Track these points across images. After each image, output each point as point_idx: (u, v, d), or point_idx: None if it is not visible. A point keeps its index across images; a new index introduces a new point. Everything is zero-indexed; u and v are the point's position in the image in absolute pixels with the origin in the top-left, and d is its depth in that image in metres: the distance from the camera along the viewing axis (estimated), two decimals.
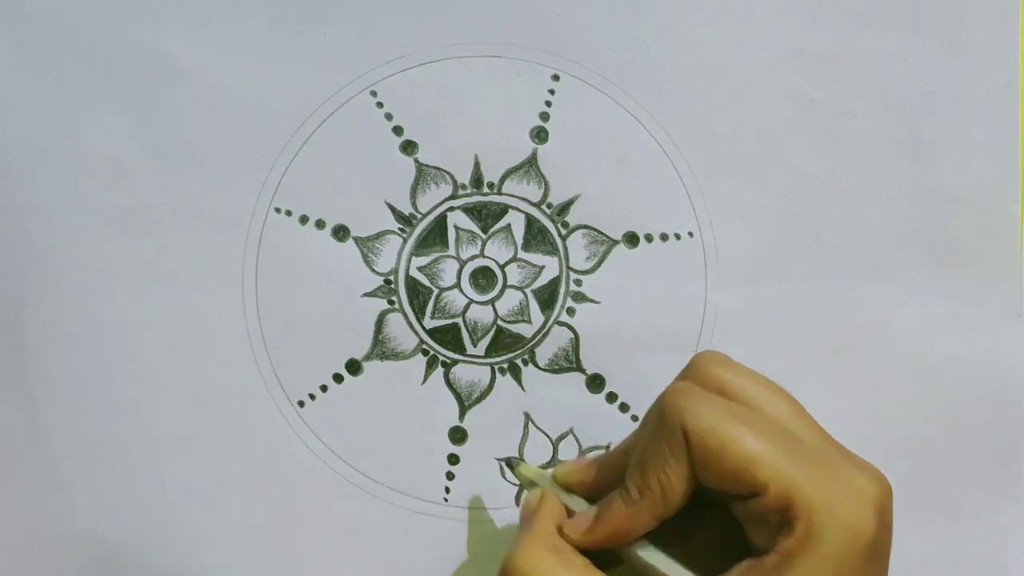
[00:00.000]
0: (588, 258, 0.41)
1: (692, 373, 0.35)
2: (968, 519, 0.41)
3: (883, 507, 0.32)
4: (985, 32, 0.41)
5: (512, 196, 0.41)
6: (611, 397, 0.41)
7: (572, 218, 0.41)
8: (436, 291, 0.41)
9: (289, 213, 0.40)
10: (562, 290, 0.41)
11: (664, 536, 0.34)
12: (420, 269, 0.41)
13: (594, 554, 0.34)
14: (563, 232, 0.41)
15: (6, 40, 0.40)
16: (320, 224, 0.40)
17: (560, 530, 0.35)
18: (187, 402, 0.40)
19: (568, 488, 0.36)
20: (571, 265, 0.41)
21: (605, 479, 0.35)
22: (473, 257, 0.41)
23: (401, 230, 0.41)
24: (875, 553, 0.31)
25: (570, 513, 0.35)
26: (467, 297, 0.41)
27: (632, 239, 0.41)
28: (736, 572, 0.32)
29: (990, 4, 0.41)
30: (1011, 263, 0.42)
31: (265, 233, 0.40)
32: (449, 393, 0.40)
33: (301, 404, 0.40)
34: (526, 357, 0.41)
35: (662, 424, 0.33)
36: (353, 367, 0.40)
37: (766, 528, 0.32)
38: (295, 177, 0.40)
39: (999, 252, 0.42)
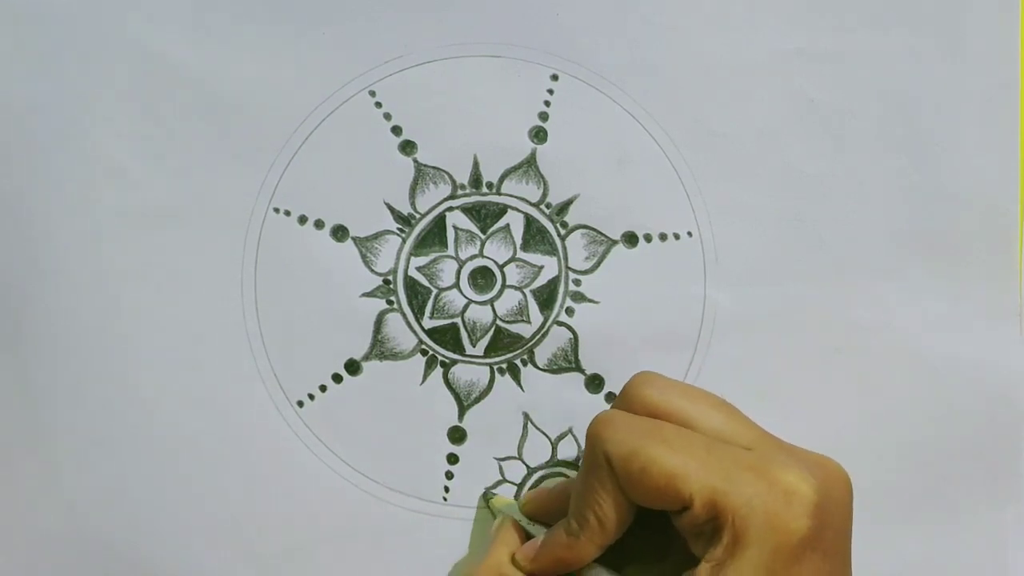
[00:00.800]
0: (587, 258, 0.41)
1: (623, 398, 0.36)
2: (968, 519, 0.41)
3: (819, 503, 0.31)
4: (985, 32, 0.41)
5: (511, 196, 0.41)
6: (610, 397, 0.41)
7: (571, 218, 0.41)
8: (435, 291, 0.41)
9: (288, 213, 0.40)
10: (561, 290, 0.41)
11: (621, 551, 0.35)
12: (419, 269, 0.41)
13: None
14: (562, 232, 0.41)
15: (6, 40, 0.40)
16: (319, 224, 0.40)
17: (513, 558, 0.36)
18: (186, 402, 0.40)
19: (532, 517, 0.38)
20: (570, 265, 0.41)
21: (565, 506, 0.36)
22: (472, 257, 0.41)
23: (400, 230, 0.40)
24: (814, 549, 0.31)
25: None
26: (466, 297, 0.41)
27: (631, 239, 0.41)
28: None
29: (990, 4, 0.41)
30: (1010, 263, 0.42)
31: (264, 233, 0.40)
32: (448, 393, 0.40)
33: (300, 404, 0.40)
34: (525, 357, 0.41)
35: (588, 454, 0.34)
36: (352, 367, 0.40)
37: (703, 539, 0.32)
38: (294, 177, 0.40)
39: (998, 252, 0.42)
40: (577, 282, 0.41)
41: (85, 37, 0.40)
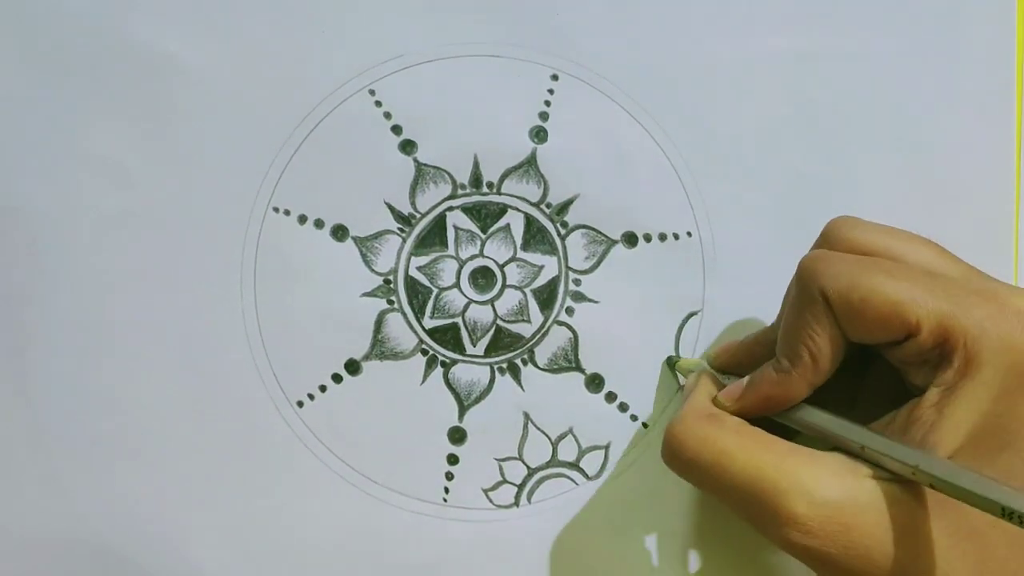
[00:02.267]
0: (587, 258, 0.41)
1: (825, 239, 0.35)
2: None
3: None
4: (982, 33, 0.41)
5: (511, 196, 0.41)
6: (610, 396, 0.41)
7: (571, 218, 0.41)
8: (435, 291, 0.40)
9: (287, 212, 0.40)
10: (561, 290, 0.41)
11: (831, 396, 0.34)
12: (419, 269, 0.40)
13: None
14: (562, 232, 0.41)
15: (6, 40, 0.40)
16: (319, 224, 0.40)
17: (714, 400, 0.36)
18: (185, 402, 0.40)
19: (724, 371, 0.37)
20: (570, 265, 0.41)
21: (760, 356, 0.36)
22: (472, 257, 0.41)
23: (400, 230, 0.40)
24: None
25: None
26: (466, 297, 0.41)
27: (631, 239, 0.41)
28: (900, 416, 0.32)
29: (987, 5, 0.41)
30: (1006, 264, 0.42)
31: (263, 233, 0.40)
32: (448, 393, 0.40)
33: (300, 404, 0.40)
34: (525, 357, 0.41)
35: (801, 293, 0.33)
36: (352, 367, 0.40)
37: (926, 368, 0.32)
38: (293, 176, 0.40)
39: (994, 253, 0.42)
40: (577, 282, 0.41)
41: (84, 36, 0.40)
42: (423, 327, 0.40)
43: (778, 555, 0.40)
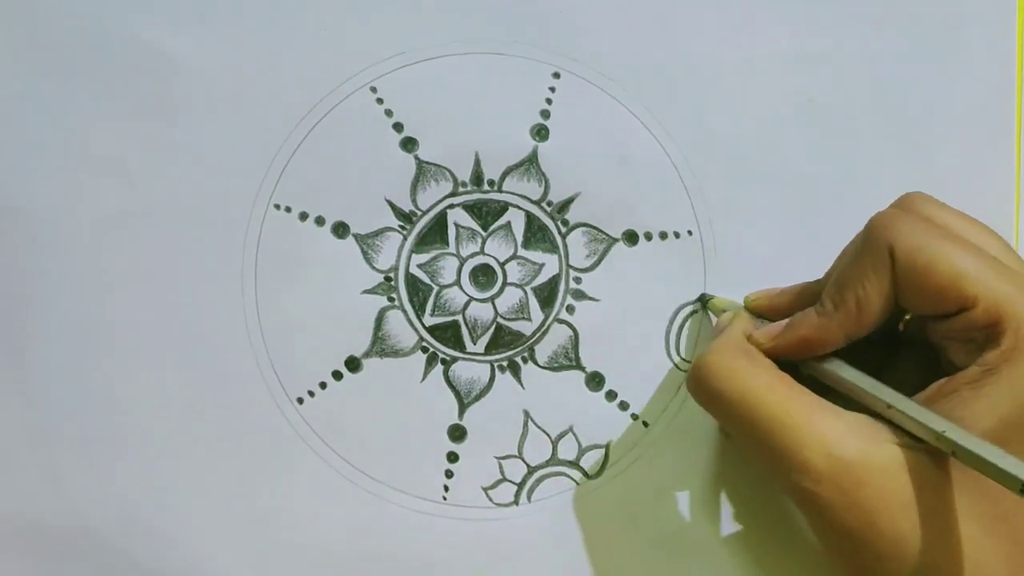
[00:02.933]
0: (588, 256, 0.41)
1: (901, 206, 0.35)
2: None
3: None
4: (982, 33, 0.41)
5: (512, 194, 0.41)
6: (610, 395, 0.41)
7: (572, 216, 0.41)
8: (436, 288, 0.40)
9: (288, 210, 0.40)
10: (562, 288, 0.41)
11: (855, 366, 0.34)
12: (420, 266, 0.40)
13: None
14: (563, 230, 0.41)
15: (6, 39, 0.40)
16: (320, 221, 0.40)
17: (749, 337, 0.35)
18: (186, 399, 0.40)
19: (759, 315, 0.37)
20: (571, 263, 0.41)
21: (797, 306, 0.36)
22: (473, 254, 0.41)
23: (401, 227, 0.40)
24: None
25: None
26: (467, 294, 0.41)
27: (631, 237, 0.41)
28: (934, 386, 0.32)
29: (987, 5, 0.41)
30: None
31: (264, 230, 0.40)
32: (448, 390, 0.40)
33: (300, 401, 0.40)
34: (526, 355, 0.41)
35: (868, 243, 0.33)
36: (352, 364, 0.40)
37: (970, 346, 0.32)
38: (294, 174, 0.40)
39: None
40: (578, 280, 0.41)
41: (83, 34, 0.40)
42: (423, 324, 0.40)
43: (779, 555, 0.40)
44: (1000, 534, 0.31)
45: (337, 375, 0.40)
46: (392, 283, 0.40)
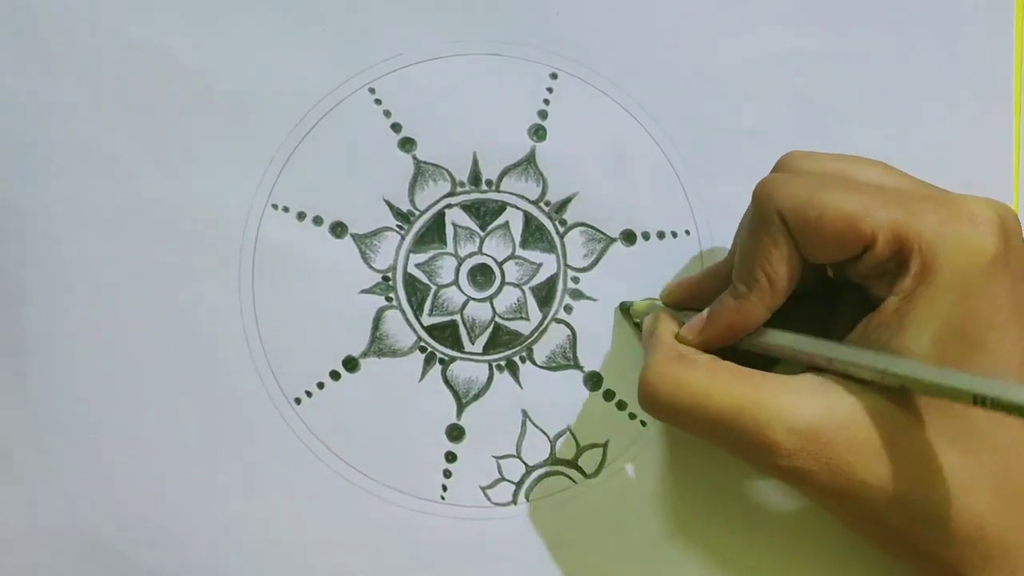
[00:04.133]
0: (585, 255, 0.41)
1: (779, 168, 0.35)
2: None
3: (1002, 224, 0.31)
4: (980, 32, 0.41)
5: (510, 194, 0.41)
6: (608, 395, 0.41)
7: (570, 216, 0.41)
8: (434, 288, 0.40)
9: (286, 209, 0.40)
10: (560, 287, 0.41)
11: (801, 327, 0.34)
12: (418, 266, 0.40)
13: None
14: (561, 230, 0.41)
15: (5, 38, 0.40)
16: (317, 221, 0.40)
17: (677, 335, 0.36)
18: (183, 399, 0.40)
19: (679, 307, 0.38)
20: (569, 262, 0.41)
21: (714, 289, 0.36)
22: (471, 254, 0.41)
23: (399, 227, 0.40)
24: (1004, 268, 0.31)
25: None
26: (465, 294, 0.41)
27: (629, 237, 0.41)
28: (859, 329, 0.32)
29: (985, 4, 0.41)
30: None
31: (262, 229, 0.40)
32: (447, 390, 0.40)
33: (298, 401, 0.40)
34: (524, 354, 0.41)
35: (757, 215, 0.33)
36: (350, 364, 0.40)
37: (887, 279, 0.32)
38: (292, 174, 0.40)
39: None
40: (576, 279, 0.41)
41: (82, 32, 0.40)
42: (421, 324, 0.40)
43: (778, 554, 0.40)
44: (976, 450, 0.31)
45: (335, 375, 0.40)
46: (390, 283, 0.40)
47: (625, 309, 0.40)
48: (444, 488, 0.40)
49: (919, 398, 0.31)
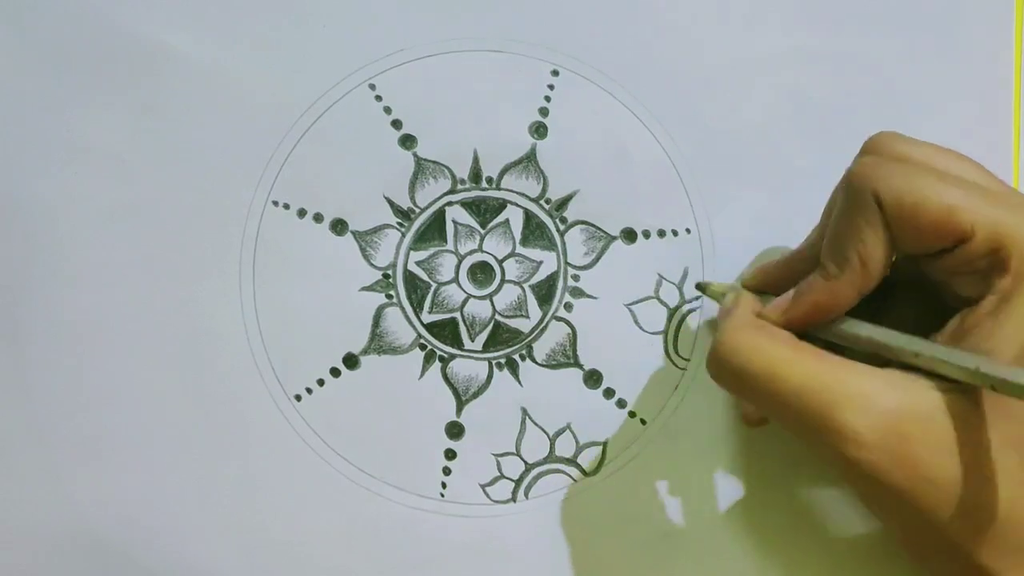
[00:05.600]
0: (586, 253, 0.41)
1: (869, 152, 0.34)
2: None
3: None
4: (980, 31, 0.41)
5: (511, 191, 0.41)
6: (608, 393, 0.41)
7: (570, 213, 0.41)
8: (434, 285, 0.40)
9: (287, 206, 0.40)
10: (560, 285, 0.41)
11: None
12: (418, 263, 0.40)
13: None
14: (561, 227, 0.41)
15: (4, 34, 0.40)
16: (318, 217, 0.40)
17: (759, 314, 0.35)
18: (183, 395, 0.40)
19: (760, 292, 0.37)
20: (569, 260, 0.41)
21: (797, 274, 0.35)
22: (471, 252, 0.41)
23: (399, 224, 0.40)
24: None
25: None
26: (465, 292, 0.41)
27: (630, 235, 0.41)
28: (953, 323, 0.32)
29: (986, 5, 0.41)
30: None
31: (262, 226, 0.40)
32: (446, 388, 0.40)
33: (298, 398, 0.40)
34: (524, 352, 0.41)
35: (852, 196, 0.32)
36: (350, 361, 0.40)
37: (976, 277, 0.31)
38: (293, 170, 0.40)
39: None
40: (576, 277, 0.41)
41: (83, 29, 0.40)
42: (421, 321, 0.40)
43: (777, 550, 0.40)
44: None
45: (335, 372, 0.40)
46: (390, 280, 0.40)
47: (703, 288, 0.39)
48: (444, 485, 0.40)
49: (987, 399, 0.31)
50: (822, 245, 0.34)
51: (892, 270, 0.34)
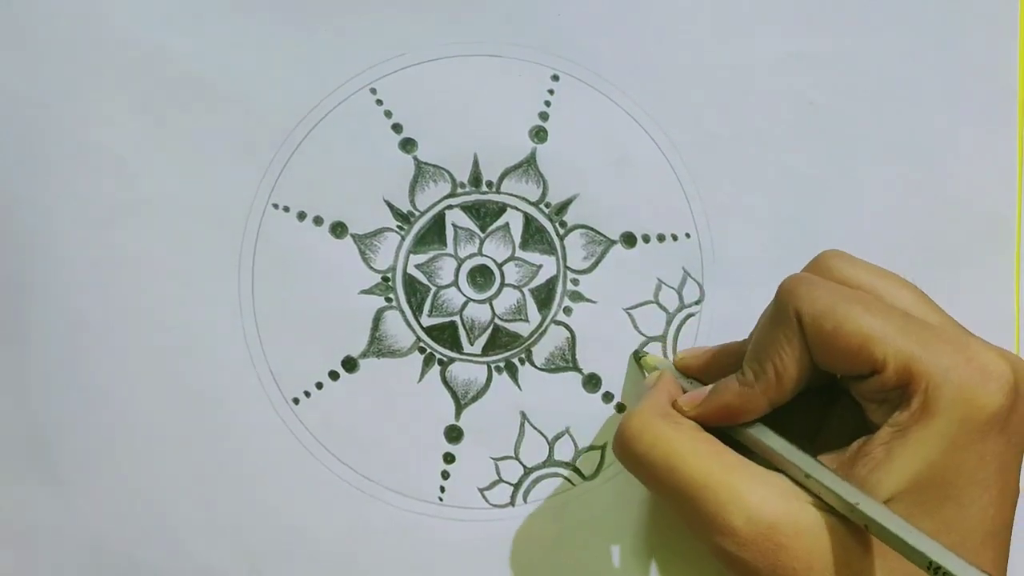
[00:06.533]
0: (585, 258, 0.41)
1: (813, 268, 0.35)
2: None
3: (1014, 385, 0.31)
4: (983, 36, 0.41)
5: (510, 195, 0.41)
6: (607, 397, 0.41)
7: (570, 218, 0.41)
8: (434, 289, 0.40)
9: (287, 209, 0.40)
10: (559, 289, 0.41)
11: (795, 424, 0.34)
12: (418, 267, 0.40)
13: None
14: (561, 231, 0.41)
15: (5, 35, 0.40)
16: (318, 221, 0.40)
17: (673, 403, 0.36)
18: (182, 398, 0.40)
19: (687, 374, 0.38)
20: (568, 264, 0.41)
21: (725, 366, 0.36)
22: (471, 255, 0.41)
23: (399, 228, 0.40)
24: (1001, 431, 0.31)
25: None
26: (464, 295, 0.41)
27: (629, 239, 0.41)
28: (850, 450, 0.32)
29: (988, 8, 0.41)
30: (1006, 270, 0.42)
31: (262, 229, 0.40)
32: (445, 391, 0.40)
33: (296, 401, 0.40)
34: (523, 356, 0.41)
35: (777, 310, 0.33)
36: (349, 364, 0.40)
37: (886, 406, 0.32)
38: (293, 173, 0.40)
39: (994, 258, 0.42)
40: (575, 281, 0.41)
41: (84, 31, 0.40)
42: (421, 325, 0.40)
43: None
44: None
45: (334, 375, 0.40)
46: (390, 283, 0.40)
47: (639, 358, 0.40)
48: (442, 489, 0.40)
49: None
50: (748, 348, 0.35)
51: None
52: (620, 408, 0.41)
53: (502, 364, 0.40)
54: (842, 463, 0.32)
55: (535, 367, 0.41)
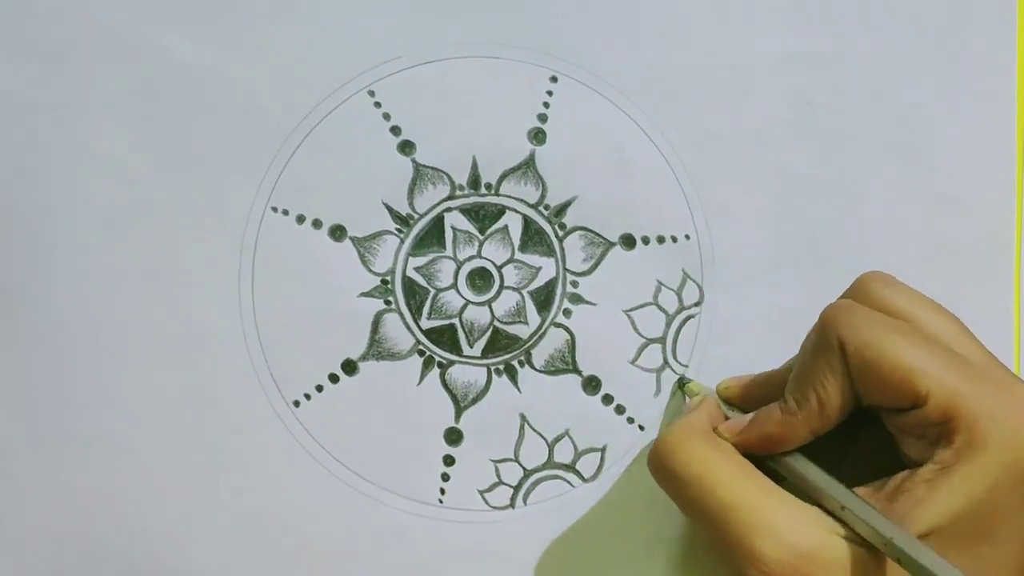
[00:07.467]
0: (585, 260, 0.41)
1: (854, 292, 0.35)
2: None
3: None
4: (982, 36, 0.41)
5: (510, 197, 0.41)
6: (607, 399, 0.41)
7: (569, 219, 0.41)
8: (433, 291, 0.40)
9: (286, 212, 0.40)
10: (559, 291, 0.41)
11: (820, 452, 0.34)
12: (417, 269, 0.40)
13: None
14: (560, 233, 0.41)
15: (5, 38, 0.40)
16: (317, 224, 0.40)
17: (714, 430, 0.35)
18: (182, 401, 0.40)
19: (729, 402, 0.38)
20: (568, 267, 0.41)
21: (767, 395, 0.36)
22: (470, 258, 0.41)
23: (398, 230, 0.40)
24: None
25: None
26: (464, 298, 0.41)
27: (629, 241, 0.41)
28: (891, 483, 0.32)
29: (987, 8, 0.41)
30: (1006, 269, 0.42)
31: (261, 232, 0.40)
32: (445, 394, 0.40)
33: (296, 404, 0.40)
34: (522, 358, 0.41)
35: (820, 340, 0.33)
36: (349, 367, 0.40)
37: (924, 441, 0.32)
38: (292, 176, 0.40)
39: (994, 257, 0.42)
40: (575, 284, 0.41)
41: (84, 34, 0.40)
42: (420, 328, 0.40)
43: None
44: None
45: (334, 378, 0.40)
46: (389, 286, 0.40)
47: (683, 384, 0.40)
48: (442, 491, 0.40)
49: (898, 570, 0.31)
50: (790, 376, 0.35)
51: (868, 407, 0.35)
52: (619, 410, 0.41)
53: (502, 366, 0.41)
54: (880, 498, 0.32)
55: (535, 369, 0.41)
